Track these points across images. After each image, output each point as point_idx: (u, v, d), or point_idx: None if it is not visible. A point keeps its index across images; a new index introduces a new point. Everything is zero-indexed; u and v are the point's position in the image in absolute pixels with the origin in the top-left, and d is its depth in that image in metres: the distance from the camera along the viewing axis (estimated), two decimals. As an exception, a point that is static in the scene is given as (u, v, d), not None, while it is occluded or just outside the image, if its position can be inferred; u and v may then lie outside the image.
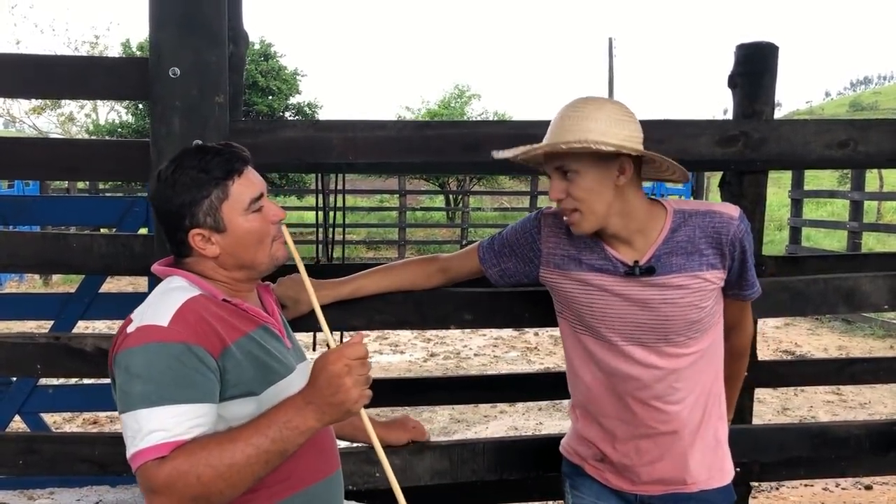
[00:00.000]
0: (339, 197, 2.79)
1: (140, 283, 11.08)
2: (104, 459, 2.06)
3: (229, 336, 1.40)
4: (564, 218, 1.66)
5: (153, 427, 1.27)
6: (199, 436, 1.30)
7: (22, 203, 4.15)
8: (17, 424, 3.54)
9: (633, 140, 1.56)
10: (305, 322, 1.84)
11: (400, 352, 7.94)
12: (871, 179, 17.10)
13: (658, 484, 1.74)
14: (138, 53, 20.98)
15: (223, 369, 1.37)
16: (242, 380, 1.40)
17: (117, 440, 2.06)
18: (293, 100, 21.26)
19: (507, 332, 8.76)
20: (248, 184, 1.47)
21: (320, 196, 2.77)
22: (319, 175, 2.59)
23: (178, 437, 1.27)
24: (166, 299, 1.39)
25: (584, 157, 1.55)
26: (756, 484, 4.20)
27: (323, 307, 1.54)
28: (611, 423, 1.75)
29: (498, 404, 5.94)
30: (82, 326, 3.72)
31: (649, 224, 1.65)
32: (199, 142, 1.84)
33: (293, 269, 1.64)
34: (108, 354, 1.41)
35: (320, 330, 2.05)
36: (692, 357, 1.67)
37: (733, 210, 1.67)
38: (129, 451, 1.28)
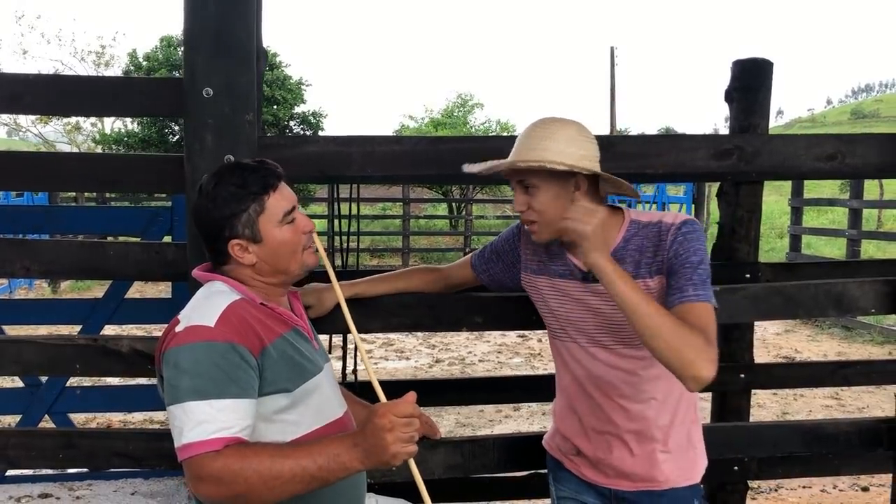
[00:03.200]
0: (351, 206, 2.91)
1: (147, 290, 11.23)
2: (138, 454, 2.20)
3: (267, 337, 1.53)
4: (525, 227, 1.81)
5: (200, 419, 1.39)
6: (249, 437, 1.43)
7: (53, 212, 4.33)
8: (44, 425, 3.69)
9: (588, 159, 1.69)
10: (322, 326, 1.97)
11: (405, 358, 8.05)
12: (872, 187, 17.20)
13: (628, 480, 1.85)
14: (144, 63, 21.19)
15: (262, 367, 1.50)
16: (278, 377, 1.52)
17: (150, 436, 2.21)
18: (298, 109, 21.43)
19: (511, 339, 8.88)
20: (282, 198, 1.60)
21: (334, 205, 2.91)
22: (334, 185, 2.72)
23: (229, 433, 1.39)
24: (211, 302, 1.52)
25: (543, 175, 1.70)
26: (755, 485, 4.31)
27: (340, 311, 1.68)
28: (585, 419, 1.89)
29: (503, 409, 6.07)
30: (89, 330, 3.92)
31: (605, 234, 1.72)
32: (231, 157, 1.98)
33: (321, 273, 1.79)
34: (156, 353, 1.54)
35: (338, 333, 2.21)
36: (651, 360, 1.73)
37: (678, 218, 1.72)
38: (179, 441, 1.40)
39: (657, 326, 1.52)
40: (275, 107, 20.22)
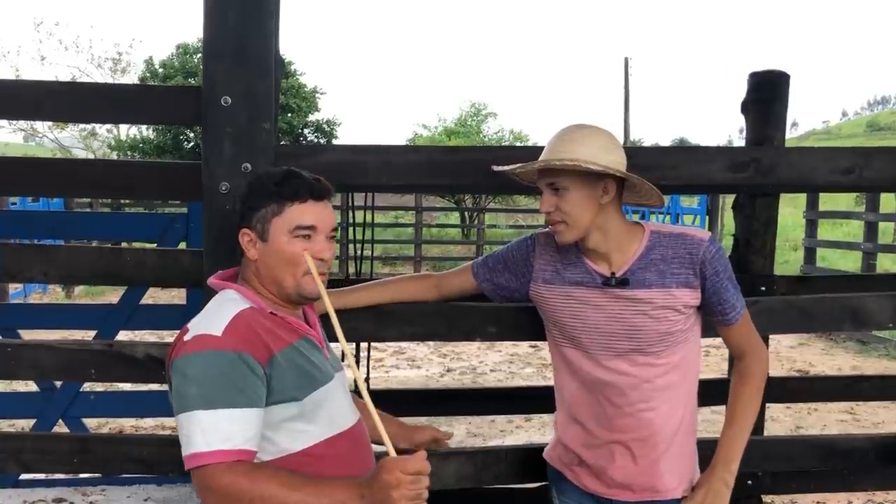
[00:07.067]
0: (365, 214, 2.93)
1: (161, 296, 11.28)
2: (151, 459, 2.20)
3: (275, 346, 1.53)
4: (550, 227, 1.84)
5: (207, 428, 1.40)
6: (257, 447, 1.45)
7: (69, 218, 4.39)
8: (58, 429, 3.72)
9: (618, 164, 1.75)
10: (330, 334, 1.98)
11: (417, 367, 8.04)
12: (889, 200, 17.05)
13: (629, 490, 1.86)
14: (160, 71, 21.40)
15: (269, 376, 1.50)
16: (286, 386, 1.53)
17: (163, 442, 2.22)
18: (312, 117, 21.57)
19: (522, 349, 8.85)
20: (308, 213, 1.60)
21: (348, 213, 2.92)
22: (349, 193, 2.74)
23: (234, 444, 1.41)
24: (220, 311, 1.54)
25: (574, 176, 1.73)
26: (769, 500, 4.27)
27: (356, 320, 1.67)
28: (589, 426, 1.89)
29: (514, 419, 6.05)
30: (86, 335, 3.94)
31: (626, 242, 1.81)
32: (248, 165, 2.00)
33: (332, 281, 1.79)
34: (166, 361, 1.56)
35: (350, 342, 2.21)
36: (664, 368, 1.82)
37: (704, 234, 1.82)
38: (187, 450, 1.42)
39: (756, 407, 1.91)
40: (289, 115, 20.37)
